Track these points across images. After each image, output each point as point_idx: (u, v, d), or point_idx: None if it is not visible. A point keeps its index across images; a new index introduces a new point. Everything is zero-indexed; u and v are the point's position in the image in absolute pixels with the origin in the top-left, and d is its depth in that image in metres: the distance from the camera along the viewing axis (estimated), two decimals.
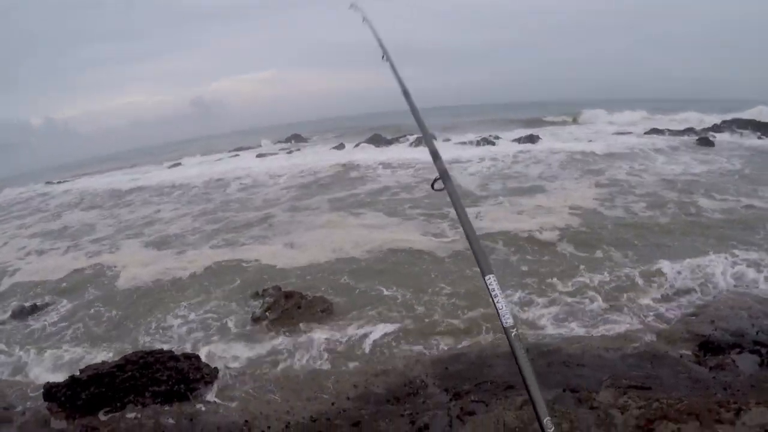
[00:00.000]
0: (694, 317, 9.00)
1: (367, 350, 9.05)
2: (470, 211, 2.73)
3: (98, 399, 7.42)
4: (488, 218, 16.34)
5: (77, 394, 7.42)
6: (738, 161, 24.29)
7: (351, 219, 18.37)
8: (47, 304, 12.84)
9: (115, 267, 15.43)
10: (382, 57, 4.38)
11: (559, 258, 12.61)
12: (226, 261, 14.81)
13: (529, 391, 2.10)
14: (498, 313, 2.28)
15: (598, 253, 12.56)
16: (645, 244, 13.07)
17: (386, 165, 30.58)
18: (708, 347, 7.67)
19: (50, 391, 7.59)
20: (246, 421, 6.71)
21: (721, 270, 10.78)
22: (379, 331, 9.62)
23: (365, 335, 9.55)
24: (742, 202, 16.45)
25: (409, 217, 17.80)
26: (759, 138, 33.21)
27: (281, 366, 8.75)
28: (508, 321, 2.26)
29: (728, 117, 40.52)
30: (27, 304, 12.73)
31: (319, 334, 9.67)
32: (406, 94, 4.02)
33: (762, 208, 15.80)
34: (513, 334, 2.24)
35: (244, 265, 14.38)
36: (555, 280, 11.08)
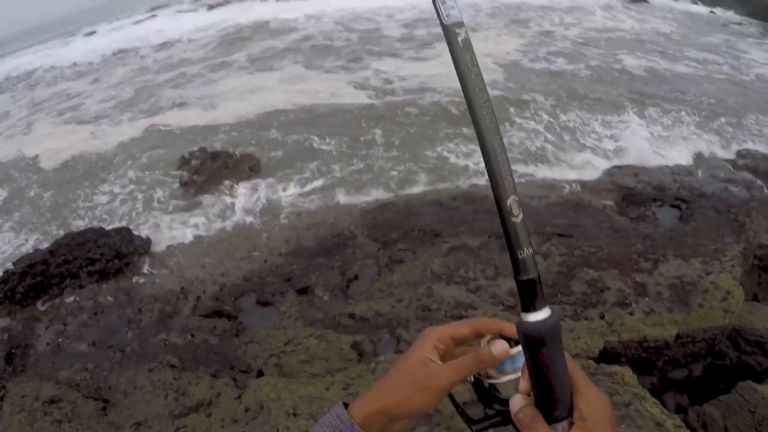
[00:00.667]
0: (617, 170, 9.30)
1: (297, 204, 9.03)
2: None
3: (36, 289, 7.39)
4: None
5: (14, 288, 7.34)
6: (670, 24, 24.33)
7: (274, 74, 17.79)
8: None
9: (34, 148, 14.78)
10: None
11: None
12: (148, 129, 14.16)
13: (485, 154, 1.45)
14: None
15: (529, 104, 12.52)
16: (570, 96, 13.16)
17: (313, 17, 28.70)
18: (630, 199, 8.00)
19: None
20: (182, 287, 6.82)
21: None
22: (307, 184, 9.65)
23: (295, 189, 9.57)
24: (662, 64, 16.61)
25: (331, 69, 17.31)
26: (693, 3, 33.04)
27: (212, 228, 8.73)
28: (451, 13, 1.05)
29: None
30: None
31: (249, 193, 9.65)
32: None
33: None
34: (460, 39, 1.09)
35: (166, 130, 13.87)
36: None
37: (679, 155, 9.93)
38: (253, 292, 6.27)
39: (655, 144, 10.52)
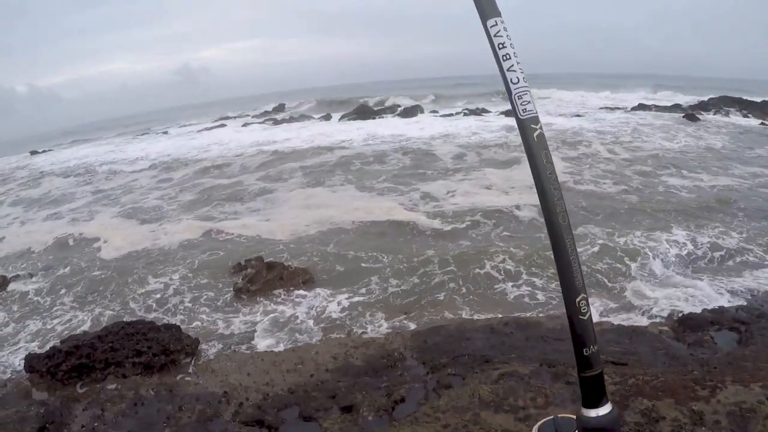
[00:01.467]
0: (672, 293, 9.09)
1: (348, 321, 9.09)
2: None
3: (79, 370, 7.41)
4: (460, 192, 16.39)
5: (58, 365, 7.40)
6: (723, 138, 24.49)
7: (328, 190, 18.31)
8: (30, 274, 12.76)
9: (95, 237, 15.31)
10: None
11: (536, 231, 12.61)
12: (206, 232, 14.73)
13: (556, 251, 1.35)
14: (509, 88, 1.40)
15: (579, 229, 12.52)
16: (625, 220, 13.14)
17: (371, 138, 30.29)
18: (687, 324, 7.74)
19: (31, 362, 7.59)
20: (225, 392, 6.72)
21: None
22: (360, 301, 9.71)
23: (347, 305, 9.60)
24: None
25: (381, 191, 17.78)
26: (745, 116, 33.42)
27: (261, 337, 8.77)
28: (527, 108, 1.38)
29: (715, 95, 40.71)
30: (9, 275, 12.63)
31: (301, 305, 9.71)
32: None
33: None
34: (535, 134, 1.38)
35: (223, 236, 14.34)
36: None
37: (734, 277, 9.73)
38: (297, 406, 6.13)
39: (706, 266, 10.41)
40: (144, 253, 13.44)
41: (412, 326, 8.70)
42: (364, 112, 45.78)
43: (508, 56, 1.34)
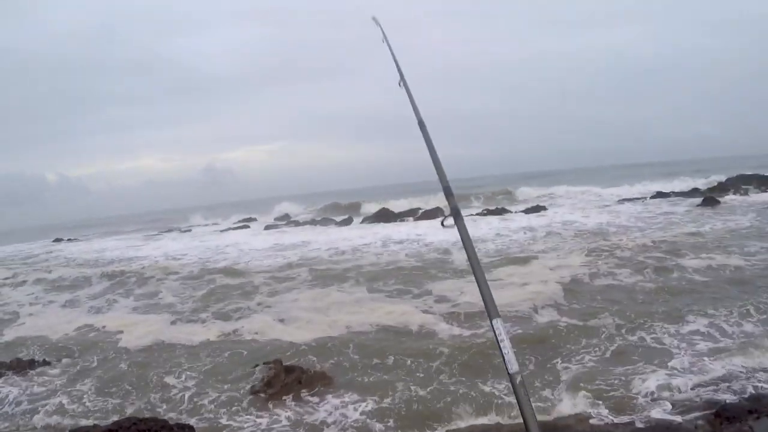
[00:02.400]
0: (703, 386, 8.69)
1: (368, 428, 8.67)
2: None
3: None
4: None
5: None
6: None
7: (342, 294, 18.11)
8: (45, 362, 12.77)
9: (111, 331, 15.37)
10: (399, 83, 4.32)
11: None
12: (222, 332, 14.60)
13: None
14: (503, 358, 2.30)
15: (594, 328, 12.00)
16: (634, 313, 12.71)
17: (388, 243, 30.20)
18: (723, 415, 7.36)
19: None
20: None
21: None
22: (379, 407, 9.31)
23: (366, 410, 9.23)
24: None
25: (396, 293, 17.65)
26: (763, 192, 33.47)
27: None
28: (513, 367, 2.29)
29: (732, 175, 40.97)
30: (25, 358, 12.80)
31: (319, 412, 9.37)
32: (421, 125, 3.97)
33: None
34: (518, 381, 2.26)
35: (238, 336, 14.23)
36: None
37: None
38: None
39: (731, 349, 10.02)
40: (160, 348, 13.38)
41: None
42: (385, 216, 45.85)
43: (505, 346, 2.29)
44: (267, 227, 48.61)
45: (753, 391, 8.02)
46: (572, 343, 11.16)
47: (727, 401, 7.72)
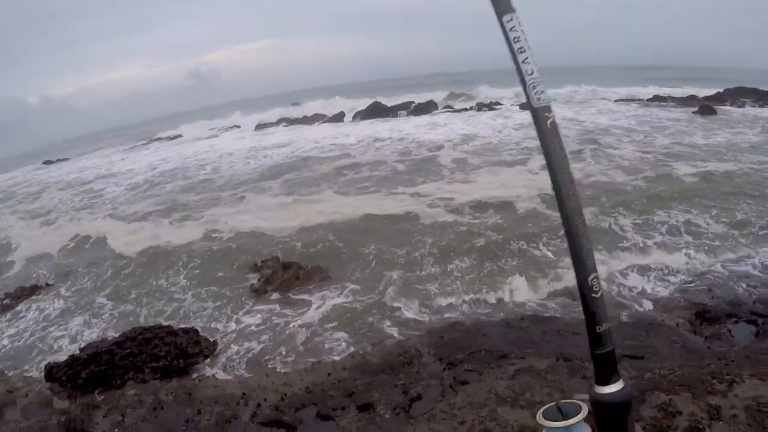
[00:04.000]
0: (690, 285, 9.01)
1: (365, 319, 9.03)
2: None
3: (98, 377, 7.49)
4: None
5: (77, 374, 7.47)
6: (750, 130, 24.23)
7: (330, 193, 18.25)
8: (47, 284, 12.84)
9: (106, 239, 15.53)
10: None
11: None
12: (212, 231, 14.87)
13: (569, 233, 1.38)
14: (523, 79, 1.42)
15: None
16: (628, 210, 13.11)
17: (379, 139, 29.68)
18: (704, 316, 7.67)
19: (51, 372, 7.65)
20: (243, 393, 6.76)
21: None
22: (376, 298, 9.73)
23: (364, 302, 9.62)
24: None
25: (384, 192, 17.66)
26: (761, 107, 32.99)
27: (278, 337, 8.78)
28: (541, 97, 1.41)
29: (731, 86, 40.16)
30: (28, 285, 12.73)
31: (317, 305, 9.73)
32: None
33: None
34: (548, 122, 1.40)
35: (234, 234, 14.42)
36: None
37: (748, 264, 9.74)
38: (314, 405, 6.15)
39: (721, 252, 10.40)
40: (155, 255, 13.56)
41: (428, 321, 8.73)
42: (378, 111, 44.69)
43: (522, 49, 1.40)
44: (258, 126, 47.44)
45: (733, 297, 8.32)
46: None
47: (708, 304, 8.02)
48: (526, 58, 1.40)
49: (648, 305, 8.55)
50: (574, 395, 1.36)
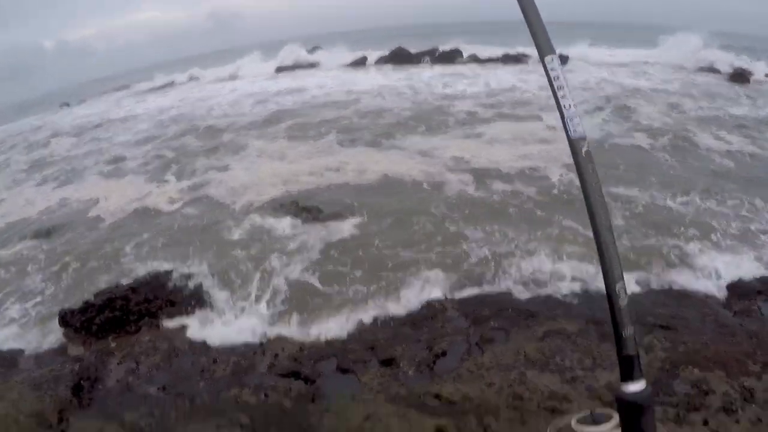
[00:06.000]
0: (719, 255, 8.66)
1: (389, 264, 8.65)
2: None
3: (113, 323, 7.36)
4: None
5: (91, 320, 7.35)
6: None
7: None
8: (61, 225, 12.46)
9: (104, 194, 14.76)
10: None
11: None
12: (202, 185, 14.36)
13: (599, 246, 1.59)
14: (562, 113, 1.63)
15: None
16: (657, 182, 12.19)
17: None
18: (734, 290, 7.40)
19: (65, 318, 7.52)
20: (261, 342, 6.65)
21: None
22: (398, 245, 9.31)
23: (388, 245, 9.33)
24: None
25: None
26: None
27: (298, 281, 8.42)
28: (577, 129, 1.62)
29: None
30: (43, 228, 12.37)
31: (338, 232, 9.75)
32: None
33: None
34: (583, 150, 1.61)
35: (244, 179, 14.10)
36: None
37: None
38: (334, 357, 5.99)
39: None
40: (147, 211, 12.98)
41: (452, 275, 8.23)
42: (400, 57, 42.82)
43: (561, 86, 1.65)
44: (278, 69, 46.56)
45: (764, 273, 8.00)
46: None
47: (741, 278, 7.73)
48: (564, 94, 1.65)
49: (677, 274, 8.17)
50: (597, 410, 1.58)
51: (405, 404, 4.96)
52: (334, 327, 6.82)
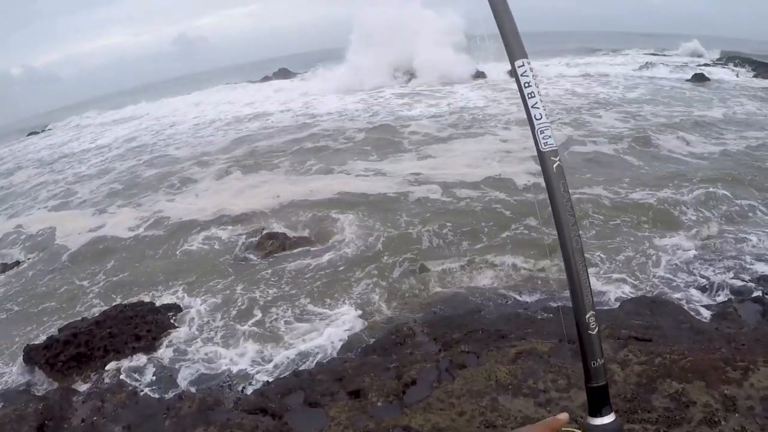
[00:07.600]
0: (693, 256, 8.68)
1: (355, 291, 8.63)
2: None
3: (78, 359, 7.18)
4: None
5: (56, 356, 7.16)
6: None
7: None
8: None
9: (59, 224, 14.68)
10: None
11: None
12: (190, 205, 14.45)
13: (569, 272, 1.41)
14: (532, 123, 1.48)
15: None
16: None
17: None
18: (707, 291, 7.40)
19: (29, 354, 7.35)
20: (227, 376, 6.49)
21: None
22: (364, 269, 9.35)
23: (349, 275, 9.24)
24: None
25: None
26: (755, 77, 32.65)
27: (260, 314, 8.33)
28: (548, 142, 1.47)
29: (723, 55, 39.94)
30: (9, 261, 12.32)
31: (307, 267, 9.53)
32: None
33: None
34: (554, 165, 1.45)
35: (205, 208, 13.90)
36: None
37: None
38: (302, 390, 5.81)
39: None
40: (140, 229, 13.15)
41: (421, 295, 8.30)
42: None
43: (532, 94, 1.49)
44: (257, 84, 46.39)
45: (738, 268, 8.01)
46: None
47: (712, 277, 7.74)
48: (536, 103, 1.49)
49: (651, 282, 8.15)
50: (569, 425, 1.39)
51: None
52: (298, 357, 6.74)
